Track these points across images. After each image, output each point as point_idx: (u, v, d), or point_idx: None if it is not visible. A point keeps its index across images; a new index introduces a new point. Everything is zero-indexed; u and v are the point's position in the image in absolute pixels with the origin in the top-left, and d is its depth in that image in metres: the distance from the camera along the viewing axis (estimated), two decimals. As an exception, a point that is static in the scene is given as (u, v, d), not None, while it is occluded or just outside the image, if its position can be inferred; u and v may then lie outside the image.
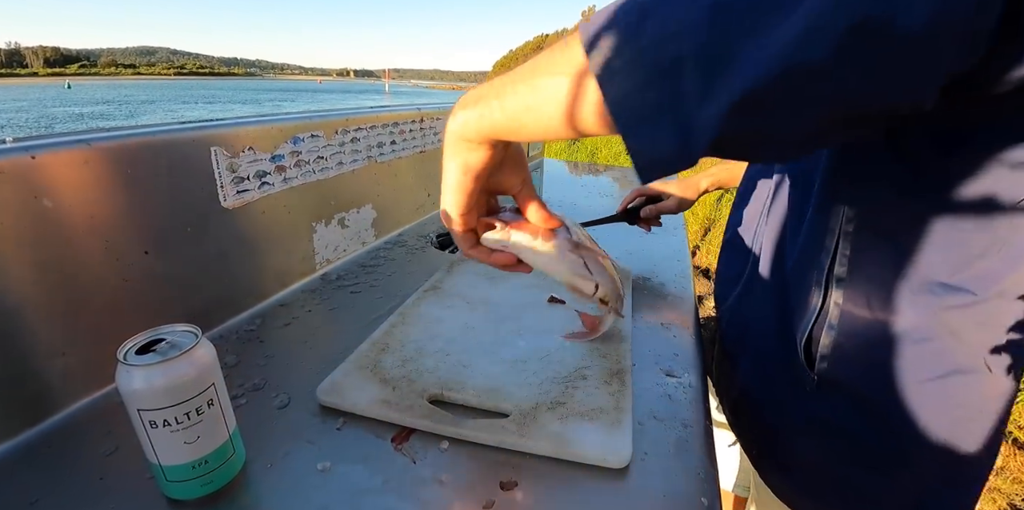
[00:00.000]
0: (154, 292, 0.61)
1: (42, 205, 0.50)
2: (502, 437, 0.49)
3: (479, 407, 0.55)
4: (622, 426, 0.51)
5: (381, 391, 0.55)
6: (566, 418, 0.52)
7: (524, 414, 0.52)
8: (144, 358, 0.39)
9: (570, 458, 0.48)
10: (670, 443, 0.51)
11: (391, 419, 0.52)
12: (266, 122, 0.74)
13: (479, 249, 0.48)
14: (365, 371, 0.58)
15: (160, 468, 0.41)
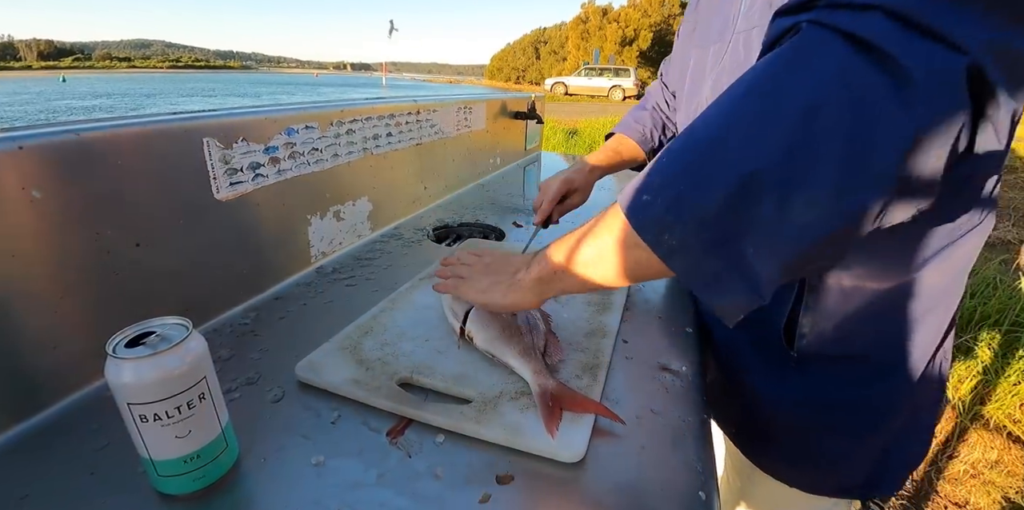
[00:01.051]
0: (146, 285, 0.60)
1: (30, 196, 0.49)
2: (459, 423, 0.49)
3: (445, 392, 0.55)
4: (582, 421, 0.50)
5: (355, 371, 0.56)
6: (527, 409, 0.51)
7: (486, 402, 0.52)
8: (134, 351, 0.38)
9: (521, 448, 0.47)
10: (668, 437, 0.51)
11: (356, 397, 0.53)
12: (260, 113, 0.72)
13: None
14: (345, 352, 0.60)
15: (151, 463, 0.40)
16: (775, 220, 0.33)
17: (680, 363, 0.63)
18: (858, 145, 0.31)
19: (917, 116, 0.31)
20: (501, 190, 1.50)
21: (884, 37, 0.30)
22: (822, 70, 0.32)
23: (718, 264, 0.36)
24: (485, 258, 0.63)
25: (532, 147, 2.06)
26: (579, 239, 0.46)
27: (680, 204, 0.36)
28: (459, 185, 1.43)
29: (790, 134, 0.32)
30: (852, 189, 0.32)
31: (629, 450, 0.48)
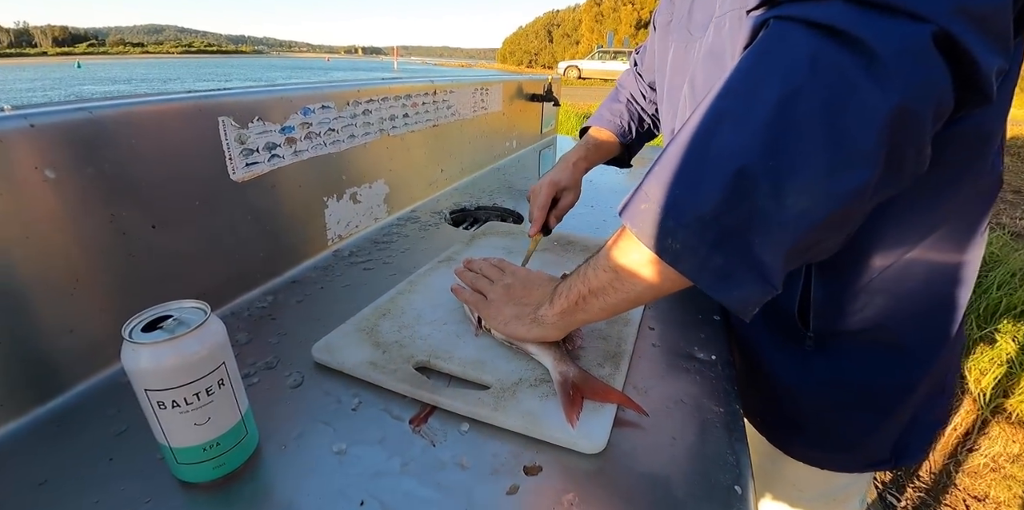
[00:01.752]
0: (162, 268, 0.59)
1: (43, 176, 0.47)
2: (476, 409, 0.48)
3: (463, 378, 0.54)
4: (603, 411, 0.48)
5: (371, 353, 0.55)
6: (546, 396, 0.50)
7: (504, 389, 0.51)
8: (151, 336, 0.36)
9: (539, 437, 0.46)
10: (699, 428, 0.49)
11: (372, 380, 0.52)
12: (275, 92, 0.70)
13: None
14: (362, 333, 0.59)
15: (170, 450, 0.39)
16: (772, 210, 0.34)
17: (709, 351, 0.61)
18: (838, 126, 0.32)
19: (892, 89, 0.31)
20: (517, 174, 1.47)
21: (846, 21, 0.32)
22: (792, 59, 0.33)
23: (725, 261, 0.36)
24: (506, 278, 0.61)
25: (548, 130, 2.03)
26: (594, 267, 0.47)
27: (678, 208, 0.37)
28: (475, 168, 1.41)
29: (770, 125, 0.33)
30: (841, 169, 0.33)
31: (660, 442, 0.47)
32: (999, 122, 0.48)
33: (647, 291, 0.44)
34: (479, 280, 0.63)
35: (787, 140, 0.33)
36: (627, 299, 0.45)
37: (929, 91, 0.32)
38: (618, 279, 0.44)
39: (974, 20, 0.31)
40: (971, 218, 0.53)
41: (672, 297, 0.74)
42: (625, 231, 0.43)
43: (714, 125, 0.36)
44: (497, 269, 0.64)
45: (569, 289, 0.50)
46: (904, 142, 0.33)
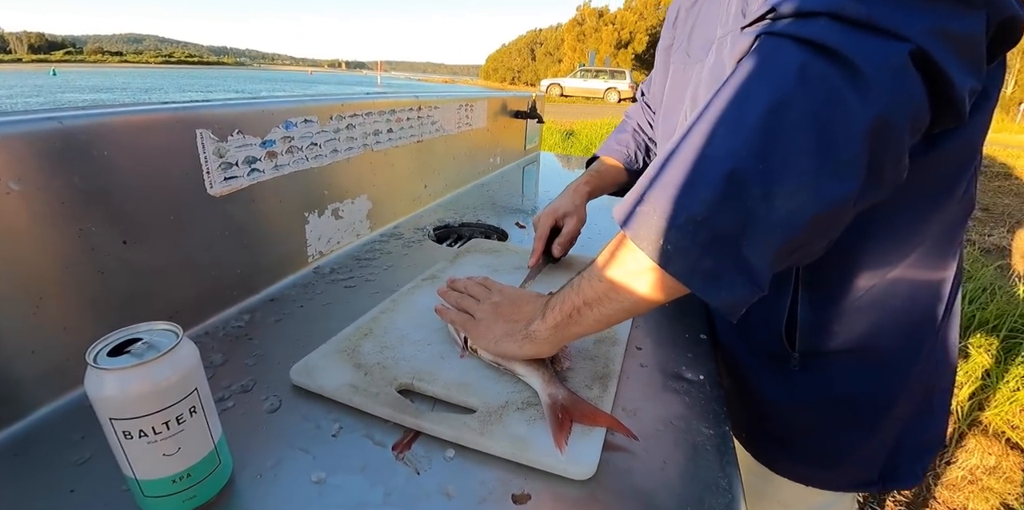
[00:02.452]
0: (133, 285, 0.57)
1: (7, 187, 0.45)
2: (461, 434, 0.46)
3: (447, 400, 0.52)
4: (592, 434, 0.47)
5: (352, 376, 0.54)
6: (534, 420, 0.48)
7: (491, 412, 0.49)
8: (118, 361, 0.34)
9: (527, 463, 0.44)
10: (690, 451, 0.48)
11: (353, 404, 0.50)
12: (256, 105, 0.69)
13: None
14: (342, 354, 0.57)
15: (137, 482, 0.37)
16: (762, 212, 0.35)
17: (697, 371, 0.60)
18: (825, 134, 0.34)
19: (872, 100, 0.34)
20: (501, 190, 1.47)
21: (832, 37, 0.34)
22: (782, 71, 0.36)
23: (715, 261, 0.37)
24: (494, 296, 0.60)
25: (532, 147, 2.03)
26: (588, 278, 0.47)
27: (672, 209, 0.38)
28: (459, 184, 1.40)
29: (761, 131, 0.35)
30: (827, 175, 0.35)
31: (651, 466, 0.45)
32: (978, 146, 0.51)
33: (642, 300, 0.43)
34: (464, 299, 0.62)
35: (777, 145, 0.35)
36: (622, 309, 0.45)
37: (906, 104, 0.35)
38: (613, 289, 0.44)
39: (950, 42, 0.34)
40: (949, 237, 0.55)
41: (659, 316, 0.73)
42: (621, 241, 0.43)
43: (708, 130, 0.38)
44: (483, 288, 0.63)
45: (562, 302, 0.49)
46: (883, 151, 0.35)
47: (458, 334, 0.60)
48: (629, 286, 0.43)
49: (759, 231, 0.36)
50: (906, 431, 0.62)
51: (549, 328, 0.50)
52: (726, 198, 0.36)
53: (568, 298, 0.48)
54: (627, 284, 0.43)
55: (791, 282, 0.57)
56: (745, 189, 0.35)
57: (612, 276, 0.44)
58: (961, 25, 0.35)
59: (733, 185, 0.35)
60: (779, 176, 0.35)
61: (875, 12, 0.34)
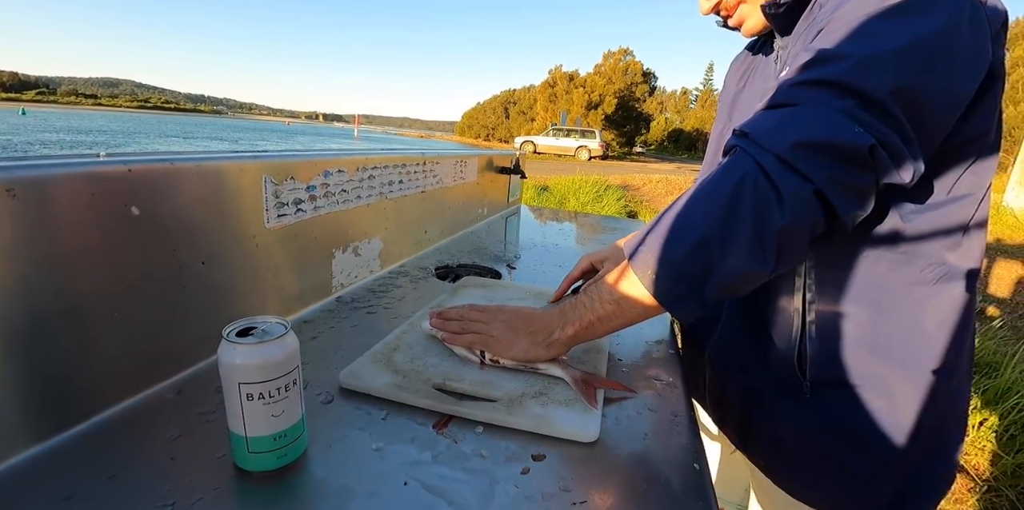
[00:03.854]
0: (204, 299, 0.68)
1: (130, 212, 0.58)
2: (493, 414, 0.59)
3: (474, 395, 0.64)
4: (591, 413, 0.61)
5: (393, 378, 0.65)
6: (547, 404, 0.62)
7: (512, 400, 0.62)
8: (246, 339, 0.46)
9: (547, 432, 0.58)
10: (664, 428, 0.62)
11: (400, 399, 0.62)
12: (305, 156, 0.83)
13: None
14: (379, 364, 0.68)
15: (245, 440, 0.47)
16: (717, 263, 0.54)
17: (667, 375, 0.74)
18: (759, 227, 0.53)
19: (787, 215, 0.52)
20: (488, 238, 1.62)
21: (773, 169, 0.53)
22: (741, 177, 0.54)
23: (682, 289, 0.56)
24: (498, 315, 0.71)
25: (514, 200, 2.21)
26: (599, 301, 0.63)
27: (660, 255, 0.57)
28: (453, 231, 1.54)
29: (723, 216, 0.54)
30: (757, 250, 0.53)
31: (635, 437, 0.59)
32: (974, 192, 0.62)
33: (640, 316, 0.62)
34: (470, 325, 0.71)
35: (731, 226, 0.53)
36: (625, 322, 0.63)
37: (807, 221, 0.53)
38: (620, 308, 0.62)
39: (843, 187, 0.52)
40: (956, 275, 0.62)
41: (635, 334, 0.87)
42: (624, 271, 0.61)
43: (693, 205, 0.57)
44: (477, 311, 0.73)
45: (580, 317, 0.64)
46: (788, 246, 0.54)
47: (472, 353, 0.70)
48: (632, 307, 0.61)
49: (713, 275, 0.55)
50: (919, 464, 0.65)
51: (569, 336, 0.65)
52: (697, 252, 0.55)
53: (584, 315, 0.64)
54: (631, 306, 0.61)
55: (800, 316, 0.66)
56: (710, 248, 0.54)
57: (620, 300, 0.61)
58: (852, 179, 0.52)
59: (702, 245, 0.54)
60: (730, 245, 0.53)
61: (799, 161, 0.52)
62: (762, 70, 0.82)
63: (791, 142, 0.52)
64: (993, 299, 4.39)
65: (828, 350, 0.65)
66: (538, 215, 2.27)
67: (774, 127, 0.55)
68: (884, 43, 0.52)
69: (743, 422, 0.78)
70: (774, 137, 0.54)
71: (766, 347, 0.71)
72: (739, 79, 0.88)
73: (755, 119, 0.58)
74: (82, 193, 0.53)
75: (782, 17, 0.70)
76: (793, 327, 0.67)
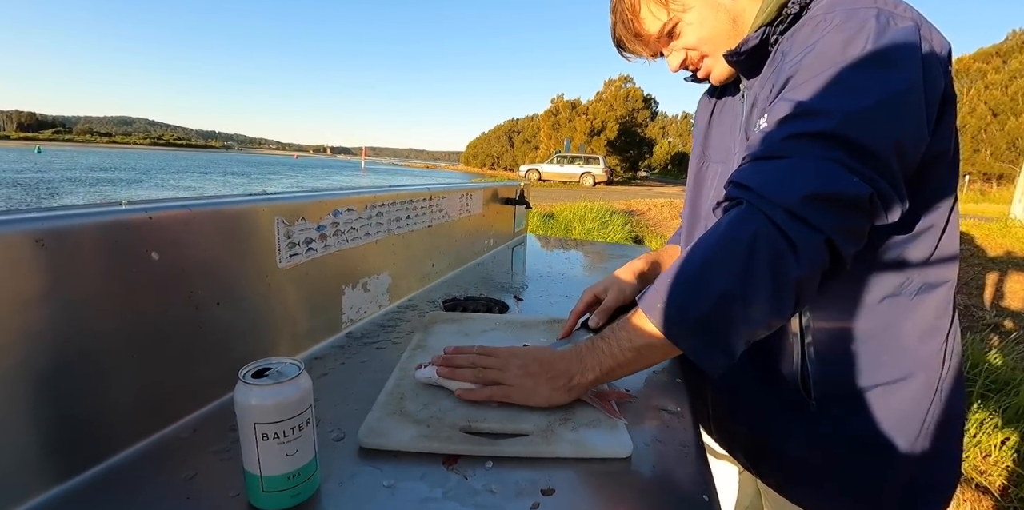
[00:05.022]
0: (219, 339, 0.70)
1: (150, 257, 0.60)
2: (533, 448, 0.60)
3: (502, 432, 0.64)
4: (619, 428, 0.64)
5: (418, 429, 0.62)
6: (577, 429, 0.64)
7: (543, 431, 0.63)
8: (262, 380, 0.48)
9: (589, 455, 0.60)
10: (672, 459, 0.62)
11: (435, 450, 0.60)
12: (316, 197, 0.86)
13: None
14: (395, 416, 0.65)
15: (260, 479, 0.49)
16: (740, 315, 0.57)
17: (676, 405, 0.74)
18: (777, 278, 0.56)
19: (802, 265, 0.56)
20: (495, 268, 1.64)
21: (784, 223, 0.56)
22: (755, 234, 0.57)
23: (705, 342, 0.60)
24: (513, 360, 0.69)
25: (520, 230, 2.23)
26: (619, 348, 0.65)
27: (682, 309, 0.60)
28: (460, 263, 1.56)
29: (742, 270, 0.56)
30: (777, 299, 0.57)
31: (644, 468, 0.59)
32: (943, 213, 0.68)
33: (658, 361, 0.68)
34: (485, 373, 0.69)
35: (751, 280, 0.56)
36: (643, 367, 0.68)
37: (818, 267, 0.57)
38: (639, 355, 0.65)
39: (848, 234, 0.57)
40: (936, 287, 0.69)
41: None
42: (640, 321, 0.64)
43: (710, 260, 0.60)
44: (490, 357, 0.71)
45: (600, 363, 0.66)
46: (805, 291, 0.58)
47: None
48: (652, 354, 0.65)
49: (737, 327, 0.58)
50: (920, 465, 0.70)
51: (589, 381, 0.67)
52: (719, 306, 0.57)
53: (604, 361, 0.66)
54: (651, 353, 0.65)
55: (799, 340, 0.71)
56: (732, 302, 0.57)
57: (640, 347, 0.64)
58: (854, 224, 0.57)
59: (724, 299, 0.57)
60: (752, 297, 0.57)
61: (809, 214, 0.55)
62: (729, 108, 0.89)
63: (800, 196, 0.55)
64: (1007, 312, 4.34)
65: (828, 368, 0.71)
66: (544, 244, 2.29)
67: (776, 181, 0.58)
68: (863, 97, 0.56)
69: (753, 444, 0.80)
70: (780, 191, 0.57)
71: (769, 371, 0.74)
72: (708, 116, 0.94)
73: (752, 171, 0.61)
74: (105, 241, 0.55)
75: (745, 62, 0.75)
76: (794, 351, 0.72)
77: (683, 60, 0.82)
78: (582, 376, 0.66)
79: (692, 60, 0.82)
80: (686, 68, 0.84)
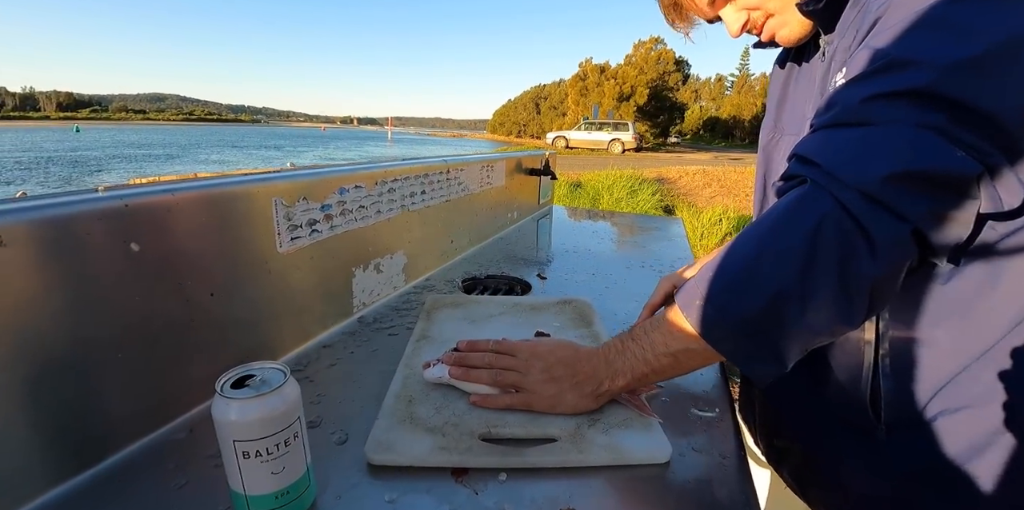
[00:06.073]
0: (215, 333, 0.65)
1: (129, 249, 0.54)
2: (563, 457, 0.54)
3: (527, 437, 0.58)
4: (654, 428, 0.59)
5: (432, 440, 0.56)
6: (608, 431, 0.58)
7: (571, 434, 0.57)
8: (241, 392, 0.42)
9: (624, 462, 0.55)
10: (711, 473, 0.55)
11: (454, 463, 0.53)
12: (318, 174, 0.79)
13: None
14: (405, 424, 0.58)
15: (245, 499, 0.44)
16: (796, 320, 0.48)
17: (714, 406, 0.67)
18: (847, 278, 0.46)
19: (879, 264, 0.45)
20: (519, 243, 1.56)
21: (859, 210, 0.45)
22: (820, 222, 0.46)
23: (754, 348, 0.50)
24: (535, 362, 0.62)
25: (545, 201, 2.15)
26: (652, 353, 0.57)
27: (725, 309, 0.51)
28: (481, 239, 1.50)
29: (801, 266, 0.46)
30: (844, 304, 0.47)
31: (678, 483, 0.52)
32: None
33: (697, 367, 0.59)
34: (503, 376, 0.62)
35: (813, 277, 0.46)
36: (680, 373, 0.60)
37: (902, 265, 0.47)
38: (677, 361, 0.57)
39: (944, 223, 0.45)
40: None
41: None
42: (677, 320, 0.55)
43: (763, 251, 0.50)
44: (509, 357, 0.64)
45: (632, 368, 0.59)
46: (881, 294, 0.47)
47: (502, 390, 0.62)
48: (690, 360, 0.56)
49: (791, 333, 0.49)
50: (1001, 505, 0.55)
51: (620, 387, 0.60)
52: (772, 308, 0.48)
53: (636, 367, 0.58)
54: (689, 359, 0.56)
55: (872, 349, 0.57)
56: (787, 304, 0.47)
57: (677, 353, 0.56)
58: (954, 211, 0.44)
59: (779, 300, 0.47)
60: (811, 300, 0.47)
61: (891, 198, 0.44)
62: (808, 71, 0.72)
63: (880, 175, 0.44)
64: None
65: (905, 387, 0.56)
66: (571, 214, 2.21)
67: (852, 155, 0.46)
68: (972, 43, 0.42)
69: (803, 466, 0.70)
70: (856, 168, 0.46)
71: (830, 385, 0.62)
72: (782, 82, 0.79)
73: (821, 142, 0.50)
74: (76, 234, 0.50)
75: (823, 12, 0.62)
76: (864, 363, 0.58)
77: (744, 23, 0.69)
78: (612, 382, 0.59)
79: (755, 22, 0.69)
80: (748, 32, 0.71)
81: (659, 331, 0.57)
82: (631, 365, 0.58)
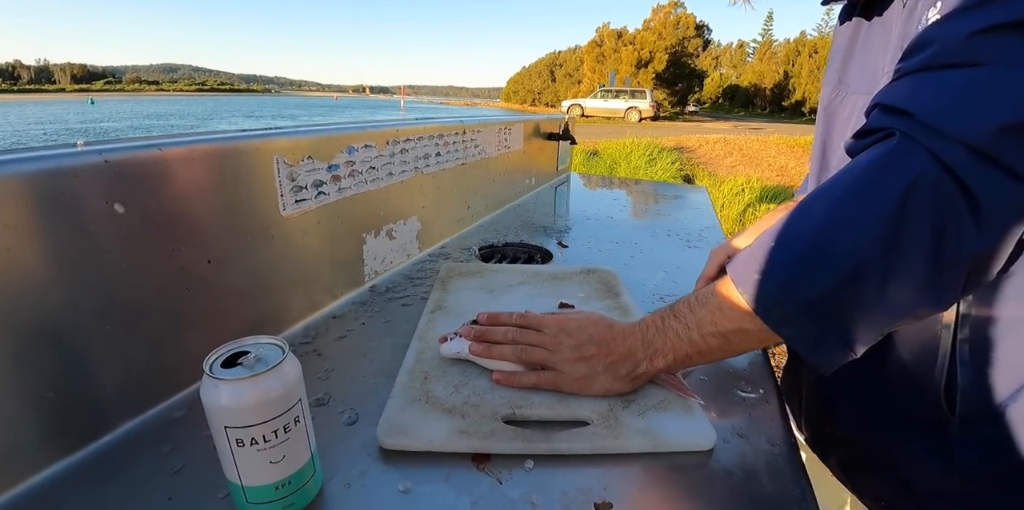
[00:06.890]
0: (214, 303, 0.60)
1: (113, 211, 0.49)
2: (597, 443, 0.48)
3: (555, 420, 0.52)
4: (694, 410, 0.53)
5: (451, 422, 0.50)
6: (644, 413, 0.52)
7: (604, 417, 0.51)
8: (232, 372, 0.37)
9: (664, 449, 0.49)
10: (760, 462, 0.49)
11: (476, 449, 0.48)
12: (324, 131, 0.73)
13: None
14: (420, 404, 0.53)
15: (242, 489, 0.39)
16: (875, 301, 0.41)
17: (758, 387, 0.61)
18: (942, 252, 0.39)
19: (984, 234, 0.38)
20: (537, 210, 1.49)
21: (964, 168, 0.37)
22: (913, 183, 0.39)
23: (821, 331, 0.44)
24: (563, 338, 0.56)
25: (563, 168, 2.06)
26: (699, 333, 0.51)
27: (790, 286, 0.44)
28: (498, 205, 1.43)
29: (887, 237, 0.39)
30: (935, 283, 0.40)
31: (722, 473, 0.47)
32: None
33: (749, 349, 0.52)
34: (529, 353, 0.56)
35: (900, 250, 0.39)
36: (728, 356, 0.54)
37: (1011, 238, 0.39)
38: (727, 343, 0.50)
39: None
40: None
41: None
42: (729, 294, 0.48)
43: (840, 219, 0.42)
44: (534, 332, 0.58)
45: (674, 349, 0.52)
46: (981, 271, 0.40)
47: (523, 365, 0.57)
48: (743, 341, 0.50)
49: (867, 315, 0.42)
50: None
51: (658, 369, 0.53)
52: (848, 286, 0.41)
53: (679, 347, 0.52)
54: (742, 340, 0.49)
55: (951, 333, 0.50)
56: (866, 281, 0.40)
57: (728, 333, 0.49)
58: None
59: (857, 276, 0.40)
60: (896, 277, 0.40)
61: (1008, 153, 0.36)
62: (882, 23, 0.61)
63: (994, 125, 0.36)
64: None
65: (985, 376, 0.49)
66: (588, 182, 2.13)
67: (957, 101, 0.38)
68: None
69: (856, 459, 0.63)
70: (962, 117, 0.38)
71: (896, 373, 0.55)
72: (848, 35, 0.68)
73: (914, 87, 0.41)
74: (48, 193, 0.44)
75: None
76: (939, 348, 0.50)
77: None
78: (650, 364, 0.53)
79: None
80: None
81: (707, 308, 0.50)
82: (673, 345, 0.52)
